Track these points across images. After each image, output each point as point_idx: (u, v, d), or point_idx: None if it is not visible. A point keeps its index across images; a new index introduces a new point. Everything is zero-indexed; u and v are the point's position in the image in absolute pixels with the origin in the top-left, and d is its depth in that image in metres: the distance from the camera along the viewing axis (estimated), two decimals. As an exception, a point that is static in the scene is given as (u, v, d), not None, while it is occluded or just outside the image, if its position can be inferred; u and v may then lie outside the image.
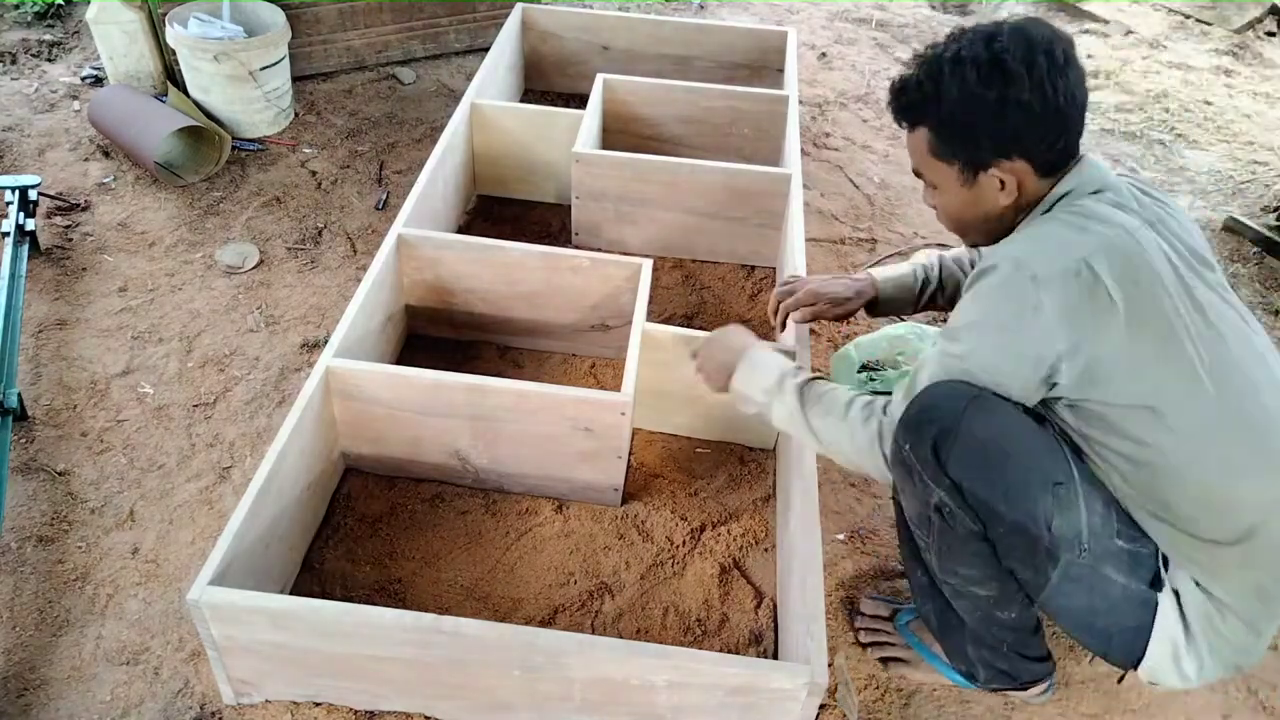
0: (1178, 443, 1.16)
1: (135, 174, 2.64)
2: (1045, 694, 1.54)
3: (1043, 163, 1.24)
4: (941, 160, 1.29)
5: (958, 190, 1.30)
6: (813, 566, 1.41)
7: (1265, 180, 3.08)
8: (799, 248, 2.06)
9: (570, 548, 1.74)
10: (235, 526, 1.38)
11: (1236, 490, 1.18)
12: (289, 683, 1.43)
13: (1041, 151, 1.23)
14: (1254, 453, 1.18)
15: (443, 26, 3.31)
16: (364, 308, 1.82)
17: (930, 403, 1.23)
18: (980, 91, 1.20)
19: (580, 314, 2.07)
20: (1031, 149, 1.22)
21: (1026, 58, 1.18)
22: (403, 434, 1.76)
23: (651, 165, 2.32)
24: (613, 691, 1.33)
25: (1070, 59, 1.20)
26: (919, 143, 1.30)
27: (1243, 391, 1.18)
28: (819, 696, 1.28)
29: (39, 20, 3.32)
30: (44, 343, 2.10)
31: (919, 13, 4.12)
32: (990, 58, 1.19)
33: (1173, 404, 1.16)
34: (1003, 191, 1.26)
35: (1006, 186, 1.25)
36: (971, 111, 1.22)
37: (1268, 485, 1.18)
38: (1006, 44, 1.19)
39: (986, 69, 1.19)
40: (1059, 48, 1.19)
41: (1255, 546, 1.18)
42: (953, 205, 1.33)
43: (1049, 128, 1.21)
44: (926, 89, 1.25)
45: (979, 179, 1.27)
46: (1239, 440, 1.17)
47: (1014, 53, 1.18)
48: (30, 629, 1.56)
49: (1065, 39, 1.22)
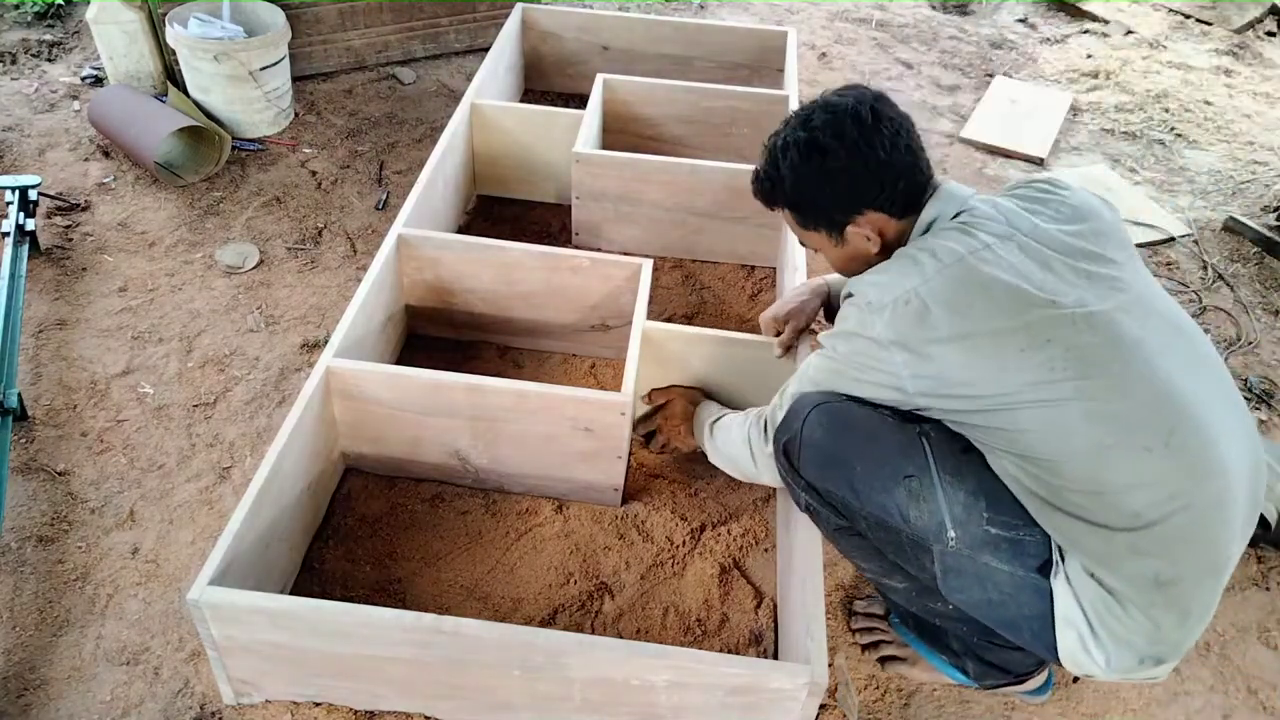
0: (1042, 438, 1.21)
1: (135, 174, 2.64)
2: (1043, 692, 1.55)
3: (893, 208, 1.35)
4: (809, 230, 1.43)
5: (833, 249, 1.44)
6: (813, 566, 1.41)
7: (1265, 180, 3.08)
8: (798, 248, 2.06)
9: (570, 548, 1.74)
10: (235, 526, 1.38)
11: (1113, 475, 1.19)
12: (289, 683, 1.43)
13: (885, 201, 1.34)
14: (1123, 437, 1.18)
15: (443, 26, 3.31)
16: (364, 308, 1.82)
17: (787, 413, 1.42)
18: (805, 170, 1.35)
19: (580, 314, 2.07)
20: (874, 201, 1.34)
21: (835, 129, 1.32)
22: (403, 434, 1.76)
23: (651, 165, 2.32)
24: (613, 691, 1.33)
25: (879, 114, 1.32)
26: (789, 219, 1.46)
27: (1117, 377, 1.19)
28: (819, 696, 1.28)
29: (39, 20, 3.32)
30: (44, 343, 2.10)
31: (919, 13, 4.12)
32: (806, 138, 1.34)
33: (1031, 403, 1.20)
34: (869, 242, 1.38)
35: (870, 238, 1.38)
36: (807, 188, 1.37)
37: (1145, 469, 1.18)
38: (817, 122, 1.34)
39: (805, 149, 1.34)
40: (864, 109, 1.32)
41: (1147, 533, 1.18)
42: (836, 262, 1.48)
43: (880, 180, 1.32)
44: (771, 176, 1.41)
45: (845, 236, 1.39)
46: (1108, 428, 1.19)
47: (824, 129, 1.33)
48: (30, 629, 1.56)
49: (872, 96, 1.35)
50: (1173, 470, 1.18)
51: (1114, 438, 1.18)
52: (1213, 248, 2.76)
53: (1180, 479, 1.18)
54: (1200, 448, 1.19)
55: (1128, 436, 1.18)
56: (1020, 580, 1.25)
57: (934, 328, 1.23)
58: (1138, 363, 1.20)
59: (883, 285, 1.28)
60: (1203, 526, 1.19)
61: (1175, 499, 1.18)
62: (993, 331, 1.22)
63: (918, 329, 1.24)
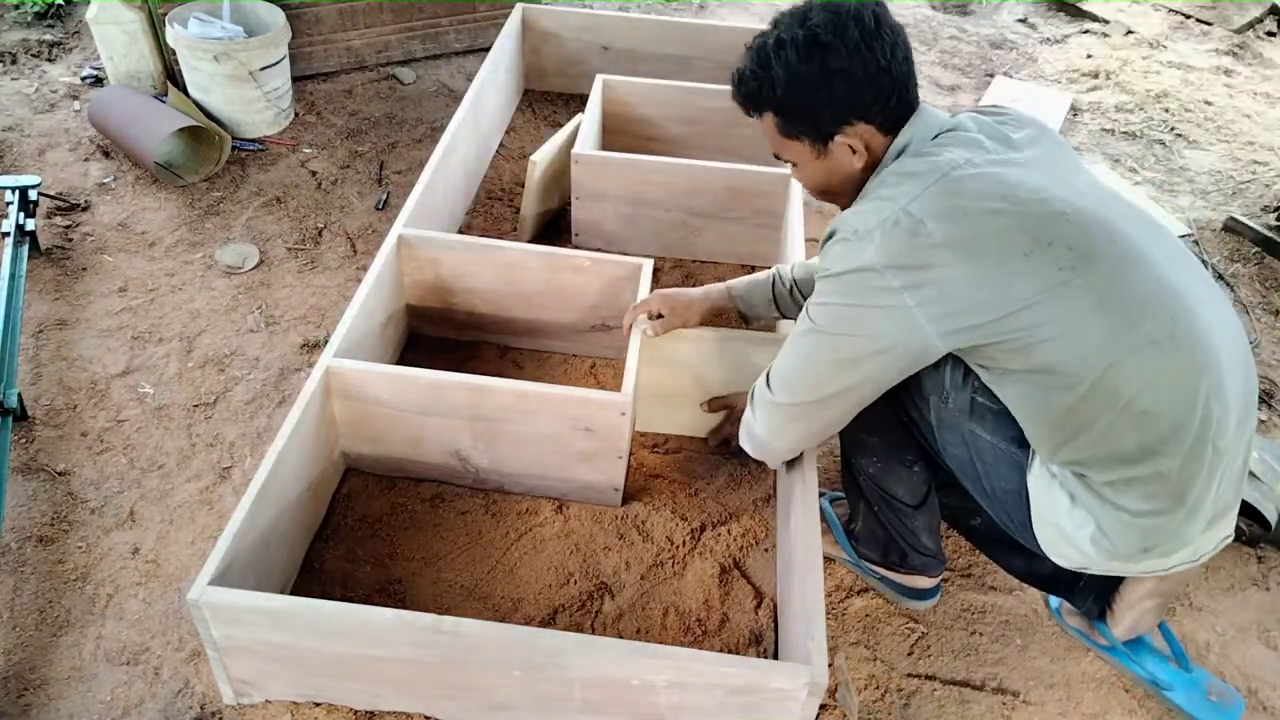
0: (1061, 342, 1.19)
1: (135, 174, 2.64)
2: (922, 598, 1.69)
3: (882, 121, 1.31)
4: (791, 139, 1.36)
5: (814, 163, 1.38)
6: (813, 566, 1.41)
7: (1265, 180, 3.08)
8: (799, 248, 2.06)
9: (570, 548, 1.74)
10: (235, 526, 1.38)
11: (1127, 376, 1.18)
12: (289, 683, 1.43)
13: (877, 111, 1.29)
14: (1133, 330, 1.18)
15: (443, 26, 3.31)
16: (364, 308, 1.82)
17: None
18: (803, 68, 1.28)
19: (580, 314, 2.07)
20: (867, 111, 1.29)
21: (837, 28, 1.25)
22: (403, 434, 1.76)
23: (651, 166, 2.32)
24: (613, 691, 1.33)
25: (880, 20, 1.27)
26: (769, 127, 1.38)
27: (1119, 270, 1.20)
28: (819, 696, 1.28)
29: (39, 20, 3.32)
30: (44, 343, 2.10)
31: (919, 13, 4.12)
32: (806, 35, 1.27)
33: (1045, 304, 1.18)
34: (854, 156, 1.33)
35: (856, 151, 1.32)
36: (801, 89, 1.29)
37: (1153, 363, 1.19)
38: (816, 20, 1.27)
39: (804, 47, 1.27)
40: (867, 13, 1.26)
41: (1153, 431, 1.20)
42: (814, 177, 1.41)
43: (876, 88, 1.28)
44: (759, 76, 1.33)
45: (830, 149, 1.34)
46: (1119, 320, 1.18)
47: (824, 26, 1.26)
48: (30, 629, 1.56)
49: (873, 4, 1.29)
50: (1178, 362, 1.19)
51: (1125, 331, 1.18)
52: (1213, 248, 2.76)
53: (1184, 370, 1.19)
54: (1201, 334, 1.20)
55: (1136, 329, 1.18)
56: (1001, 452, 1.32)
57: (929, 236, 1.19)
58: (1135, 255, 1.21)
59: (866, 212, 1.24)
60: (1205, 419, 1.19)
61: (1177, 390, 1.18)
62: (995, 232, 1.19)
63: (912, 242, 1.19)
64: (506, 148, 2.88)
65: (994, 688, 1.60)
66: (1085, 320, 1.18)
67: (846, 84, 1.27)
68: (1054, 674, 1.62)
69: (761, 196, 2.32)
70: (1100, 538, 1.27)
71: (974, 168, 1.23)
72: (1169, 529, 1.25)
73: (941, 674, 1.61)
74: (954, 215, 1.19)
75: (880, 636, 1.66)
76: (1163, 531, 1.25)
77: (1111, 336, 1.18)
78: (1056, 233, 1.19)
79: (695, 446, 1.96)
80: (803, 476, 1.56)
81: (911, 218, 1.20)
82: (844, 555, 1.74)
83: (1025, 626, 1.69)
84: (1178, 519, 1.24)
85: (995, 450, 1.33)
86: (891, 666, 1.61)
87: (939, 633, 1.67)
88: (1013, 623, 1.69)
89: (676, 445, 1.96)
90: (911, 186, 1.23)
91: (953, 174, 1.22)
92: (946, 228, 1.19)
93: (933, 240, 1.19)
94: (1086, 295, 1.18)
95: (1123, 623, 1.56)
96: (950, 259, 1.19)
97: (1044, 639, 1.67)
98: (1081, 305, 1.18)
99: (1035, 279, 1.18)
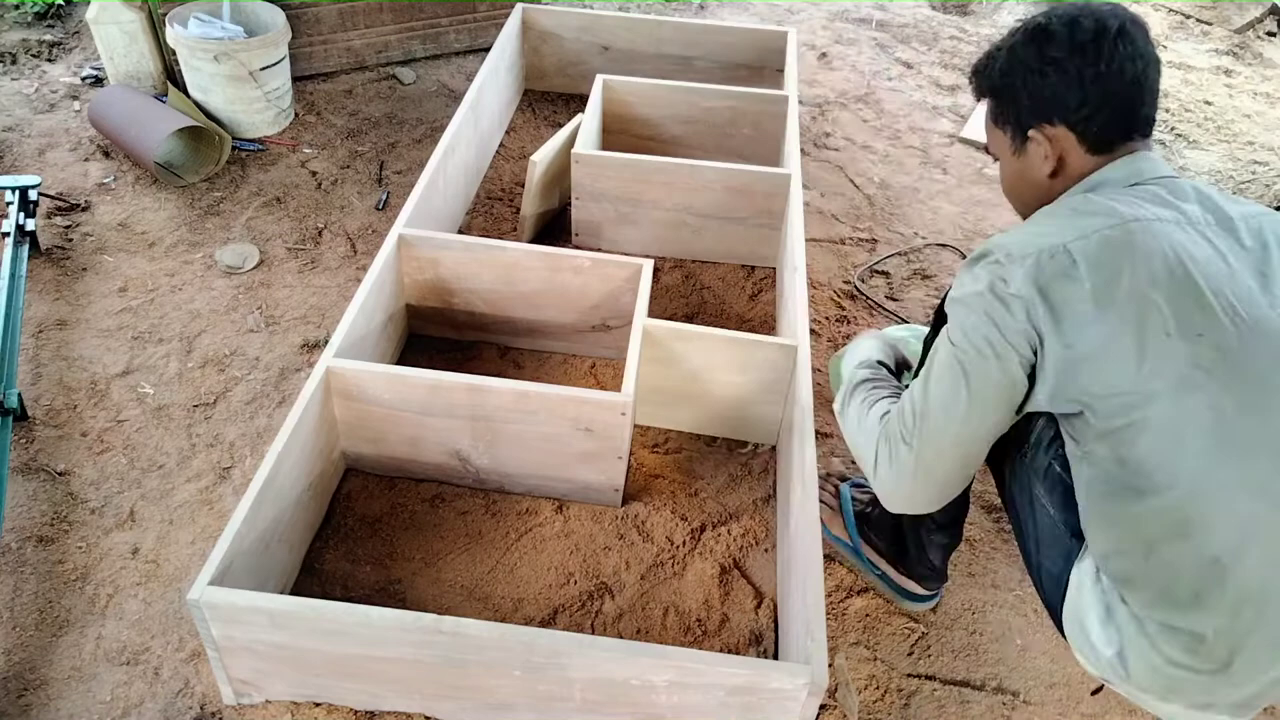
0: (1156, 443, 1.06)
1: (135, 174, 2.64)
2: (919, 600, 1.69)
3: (1086, 134, 1.21)
4: (997, 127, 1.32)
5: (1010, 159, 1.31)
6: (813, 566, 1.41)
7: (1265, 180, 3.08)
8: (798, 248, 2.06)
9: (570, 548, 1.74)
10: (235, 527, 1.38)
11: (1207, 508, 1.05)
12: (289, 683, 1.43)
13: (1082, 119, 1.20)
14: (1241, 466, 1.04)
15: (443, 26, 3.31)
16: (364, 308, 1.82)
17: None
18: (1023, 52, 1.23)
19: (581, 314, 2.08)
20: (1070, 114, 1.20)
21: (1072, 23, 1.19)
22: (403, 434, 1.76)
23: (651, 166, 2.32)
24: (613, 691, 1.33)
25: (1126, 31, 1.18)
26: (986, 113, 1.35)
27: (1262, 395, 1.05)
28: (819, 697, 1.28)
29: (39, 20, 3.32)
30: (44, 343, 2.10)
31: (919, 13, 4.12)
32: (1040, 22, 1.23)
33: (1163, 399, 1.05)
34: (1045, 161, 1.25)
35: (1049, 156, 1.24)
36: (1015, 70, 1.25)
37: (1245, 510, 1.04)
38: (1059, 10, 1.21)
39: (1032, 30, 1.23)
40: (1113, 21, 1.18)
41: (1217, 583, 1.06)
42: (1007, 175, 1.35)
43: (1087, 91, 1.18)
44: (992, 54, 1.30)
45: (1027, 147, 1.26)
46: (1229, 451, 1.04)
47: (1061, 18, 1.20)
48: (30, 629, 1.56)
49: (1130, 15, 1.20)
50: (1274, 521, 1.03)
51: (1234, 465, 1.04)
52: None
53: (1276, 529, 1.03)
54: None
55: (1248, 470, 1.04)
56: (1058, 530, 1.21)
57: (1077, 281, 1.08)
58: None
59: (1025, 240, 1.14)
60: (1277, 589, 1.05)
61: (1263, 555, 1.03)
62: (1137, 297, 1.06)
63: (1060, 282, 1.08)
64: (506, 148, 2.88)
65: (994, 688, 1.60)
66: (1196, 434, 1.04)
67: (1058, 75, 1.19)
68: (1054, 674, 1.62)
69: (762, 197, 2.32)
70: (1122, 660, 1.14)
71: (1163, 227, 1.10)
72: (1200, 686, 1.11)
73: (941, 674, 1.61)
74: (1109, 264, 1.08)
75: (880, 636, 1.66)
76: (1194, 687, 1.11)
77: (1215, 464, 1.04)
78: (1212, 329, 1.05)
79: (695, 446, 1.97)
80: (803, 476, 1.56)
81: (1069, 255, 1.10)
82: (846, 542, 1.74)
83: (1025, 626, 1.69)
84: (1215, 683, 1.10)
85: (1054, 528, 1.22)
86: (891, 666, 1.61)
87: (939, 633, 1.67)
88: (1013, 623, 1.69)
89: (677, 445, 1.96)
90: (1085, 224, 1.12)
91: (1131, 224, 1.10)
92: (1094, 273, 1.08)
93: (1077, 289, 1.08)
94: (1210, 409, 1.04)
95: None
96: (1086, 312, 1.08)
97: (1044, 639, 1.67)
98: (1201, 416, 1.04)
99: (1167, 366, 1.05)
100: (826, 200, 2.80)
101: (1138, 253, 1.09)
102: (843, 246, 2.61)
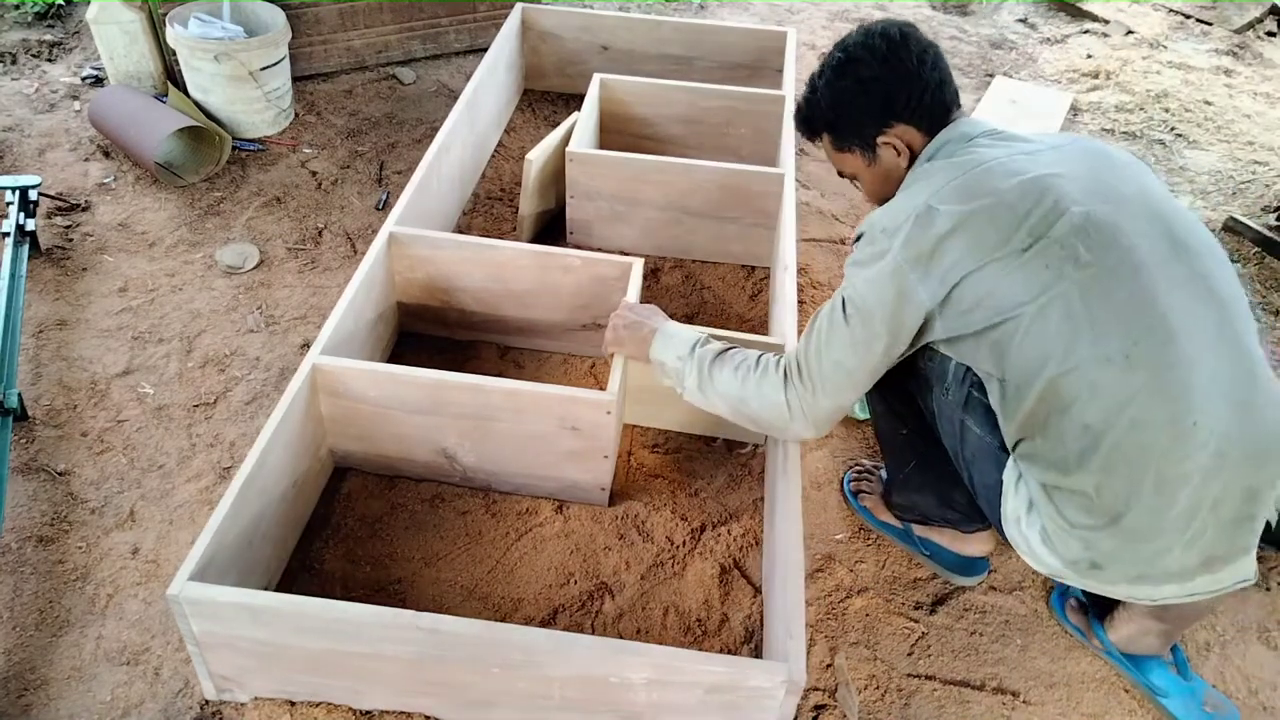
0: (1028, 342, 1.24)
1: (135, 174, 2.64)
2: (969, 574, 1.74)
3: (920, 120, 1.42)
4: (845, 152, 1.50)
5: (868, 171, 1.50)
6: (794, 565, 1.41)
7: (1265, 180, 3.08)
8: (790, 247, 2.06)
9: (570, 548, 1.74)
10: (217, 523, 1.38)
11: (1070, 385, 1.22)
12: (270, 679, 1.42)
13: (911, 111, 1.41)
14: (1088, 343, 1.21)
15: (443, 26, 3.31)
16: (353, 305, 1.82)
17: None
18: (841, 84, 1.44)
19: (571, 312, 2.07)
20: (903, 111, 1.41)
21: (865, 43, 1.42)
22: (389, 431, 1.75)
23: (647, 165, 2.32)
24: (591, 690, 1.33)
25: (906, 34, 1.42)
26: (827, 148, 1.53)
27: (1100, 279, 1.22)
28: (797, 695, 1.28)
29: (39, 20, 3.32)
30: (44, 343, 2.10)
31: (919, 13, 4.12)
32: (840, 56, 1.45)
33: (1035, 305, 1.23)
34: (899, 156, 1.44)
35: (900, 151, 1.44)
36: (841, 100, 1.45)
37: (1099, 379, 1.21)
38: (848, 42, 1.45)
39: (839, 64, 1.45)
40: (893, 29, 1.42)
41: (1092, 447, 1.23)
42: (873, 186, 1.52)
43: (908, 89, 1.40)
44: (809, 99, 1.50)
45: (879, 154, 1.46)
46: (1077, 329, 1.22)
47: (854, 45, 1.44)
48: (30, 629, 1.56)
49: (901, 23, 1.45)
50: (1124, 383, 1.21)
51: (1086, 344, 1.21)
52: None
53: (1129, 392, 1.20)
54: (1163, 366, 1.20)
55: (1096, 345, 1.21)
56: (985, 446, 1.40)
57: (937, 224, 1.27)
58: (1129, 269, 1.22)
59: (894, 209, 1.34)
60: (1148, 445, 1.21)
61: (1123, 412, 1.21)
62: (994, 221, 1.25)
63: (926, 231, 1.28)
64: (506, 147, 2.88)
65: (994, 688, 1.60)
66: (1057, 321, 1.23)
67: (880, 89, 1.41)
68: (1054, 674, 1.62)
69: (756, 196, 2.32)
70: (1047, 540, 1.32)
71: (1000, 165, 1.30)
72: (1107, 548, 1.27)
73: (941, 674, 1.61)
74: (963, 198, 1.28)
75: (880, 636, 1.66)
76: (1103, 549, 1.27)
77: (1074, 343, 1.22)
78: (1061, 231, 1.24)
79: (695, 446, 1.97)
80: (787, 477, 1.56)
81: (929, 207, 1.29)
82: (895, 528, 1.81)
83: (1025, 626, 1.69)
84: (1117, 539, 1.26)
85: (980, 442, 1.41)
86: (891, 666, 1.61)
87: (939, 633, 1.67)
88: (1013, 623, 1.69)
89: (676, 445, 1.97)
90: (937, 179, 1.32)
91: (977, 169, 1.31)
92: (952, 210, 1.27)
93: (940, 229, 1.27)
94: (1062, 297, 1.22)
95: (1120, 631, 1.57)
96: (954, 245, 1.27)
97: (1044, 639, 1.67)
98: (1056, 306, 1.23)
99: (1028, 273, 1.24)
100: (826, 200, 2.80)
101: (985, 183, 1.29)
102: (843, 246, 2.61)
